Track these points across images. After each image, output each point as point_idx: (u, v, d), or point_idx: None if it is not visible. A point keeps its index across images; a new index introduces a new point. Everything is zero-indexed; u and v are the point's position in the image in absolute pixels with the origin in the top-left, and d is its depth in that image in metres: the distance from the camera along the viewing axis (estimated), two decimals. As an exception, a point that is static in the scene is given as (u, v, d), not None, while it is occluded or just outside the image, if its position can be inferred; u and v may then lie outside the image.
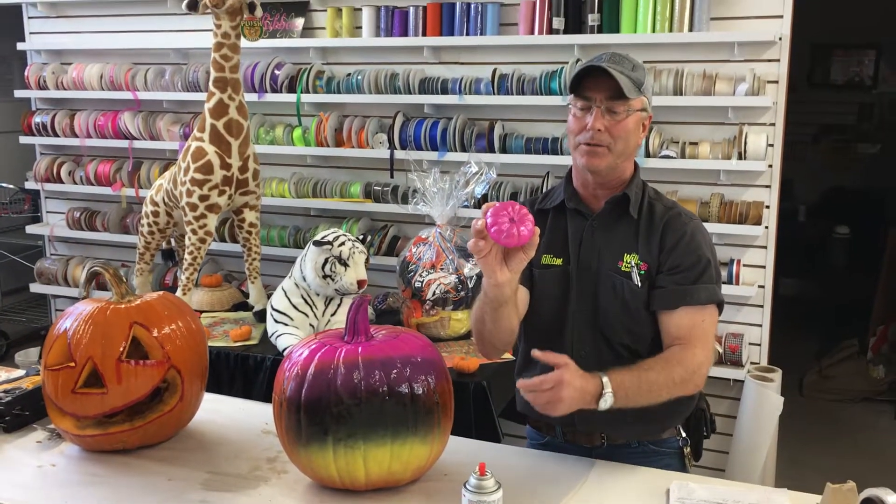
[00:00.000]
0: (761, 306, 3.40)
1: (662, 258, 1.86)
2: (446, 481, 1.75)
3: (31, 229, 4.67)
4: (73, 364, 1.84)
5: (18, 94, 4.51)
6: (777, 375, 3.30)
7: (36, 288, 4.58)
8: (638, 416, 1.78)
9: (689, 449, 1.98)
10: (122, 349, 1.85)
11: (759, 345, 3.44)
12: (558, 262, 1.94)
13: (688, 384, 1.79)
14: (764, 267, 3.37)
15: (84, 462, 1.89)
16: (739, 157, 3.22)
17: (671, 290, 1.84)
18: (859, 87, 6.82)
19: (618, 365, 1.75)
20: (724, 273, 3.31)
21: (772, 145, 3.27)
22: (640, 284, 1.86)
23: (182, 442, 1.99)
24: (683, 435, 1.97)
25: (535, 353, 1.70)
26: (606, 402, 1.67)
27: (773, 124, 3.27)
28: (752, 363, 3.41)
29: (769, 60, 3.23)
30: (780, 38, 3.19)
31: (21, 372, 2.37)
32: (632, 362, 1.78)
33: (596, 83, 1.82)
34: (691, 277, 1.84)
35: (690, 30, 3.26)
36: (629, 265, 1.88)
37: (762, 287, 3.37)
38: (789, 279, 5.88)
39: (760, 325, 3.42)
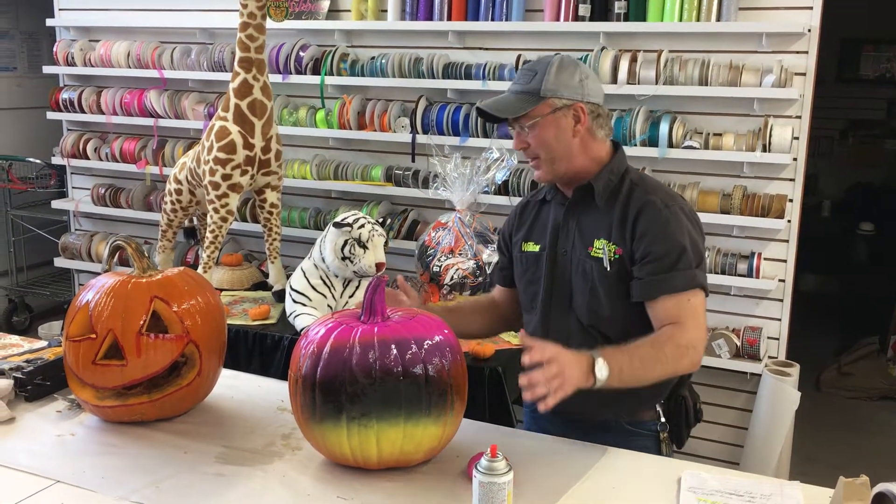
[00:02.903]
0: (781, 300, 3.37)
1: (635, 246, 1.87)
2: (458, 462, 1.76)
3: (56, 204, 4.73)
4: (94, 336, 1.87)
5: (47, 69, 4.55)
6: (795, 370, 3.29)
7: (60, 262, 4.65)
8: (615, 395, 1.80)
9: (665, 434, 1.99)
10: (142, 322, 1.87)
11: (778, 339, 3.41)
12: (536, 248, 2.03)
13: (681, 360, 1.80)
14: (785, 261, 3.35)
15: (103, 433, 1.92)
16: (764, 150, 3.19)
17: (647, 280, 1.85)
18: (889, 82, 6.73)
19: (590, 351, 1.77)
20: (744, 266, 3.29)
21: (797, 138, 3.23)
22: (608, 268, 1.89)
23: (199, 416, 2.01)
24: (662, 419, 1.99)
25: (522, 336, 1.75)
26: (602, 372, 1.69)
27: (800, 117, 3.23)
28: (769, 357, 3.39)
29: (797, 52, 3.20)
30: (809, 30, 3.15)
31: (43, 343, 2.41)
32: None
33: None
34: (666, 266, 1.84)
35: (718, 19, 3.22)
36: (599, 250, 1.90)
37: (783, 281, 3.35)
38: (810, 274, 5.84)
39: (779, 320, 3.40)
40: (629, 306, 1.89)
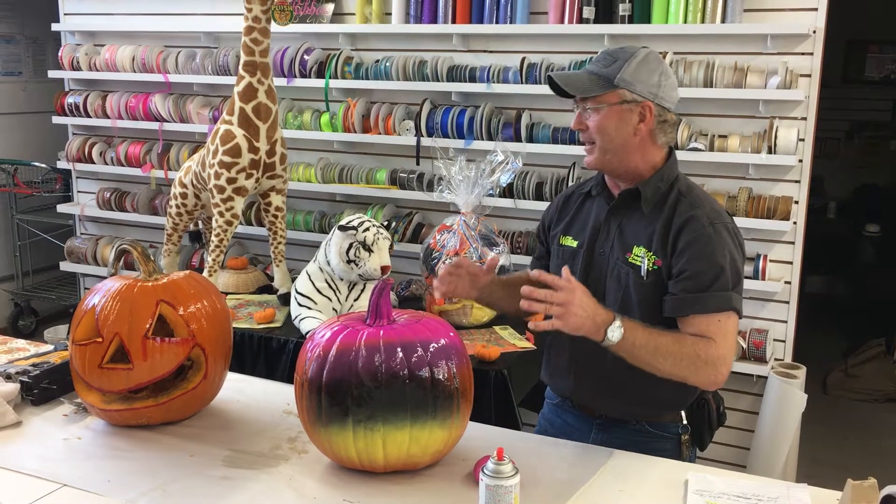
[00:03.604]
0: (787, 302, 3.37)
1: (674, 260, 1.84)
2: (464, 465, 1.76)
3: (61, 208, 4.74)
4: (100, 339, 1.87)
5: (52, 74, 4.57)
6: (801, 372, 3.28)
7: (66, 266, 4.66)
8: (639, 397, 1.86)
9: (687, 437, 1.97)
10: (148, 326, 1.88)
11: (784, 341, 3.41)
12: (574, 243, 2.01)
13: (699, 370, 1.77)
14: (791, 263, 3.34)
15: (109, 436, 1.93)
16: (769, 151, 3.19)
17: (681, 297, 1.82)
18: (895, 83, 6.71)
19: (612, 352, 1.76)
20: (749, 268, 3.28)
21: (802, 140, 3.23)
22: (645, 278, 1.86)
23: (205, 419, 2.01)
24: (685, 422, 1.97)
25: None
26: (614, 334, 1.70)
27: (805, 119, 3.23)
28: (776, 359, 3.38)
29: (802, 54, 3.19)
30: (815, 32, 3.15)
31: (49, 347, 2.41)
32: None
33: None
34: (702, 285, 1.80)
35: (723, 21, 3.22)
36: (638, 258, 1.88)
37: (788, 283, 3.34)
38: (817, 276, 5.82)
39: (786, 322, 3.39)
40: (660, 320, 1.84)
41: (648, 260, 1.86)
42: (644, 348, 1.73)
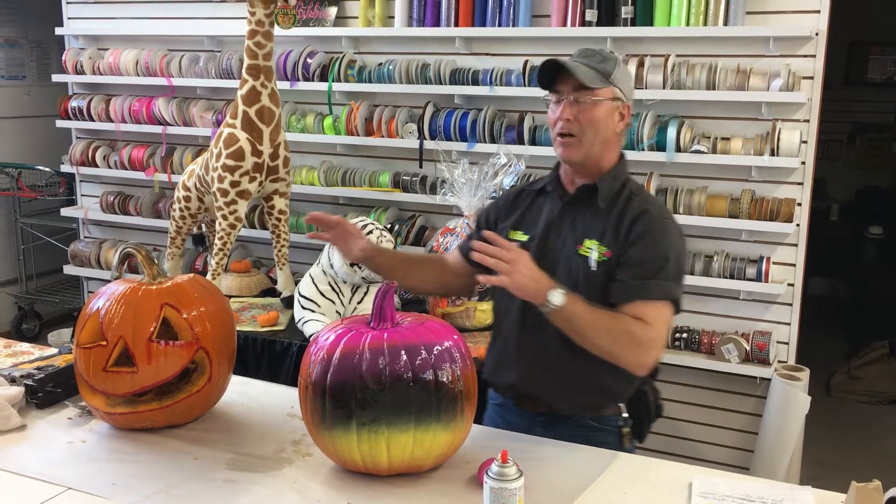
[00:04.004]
0: (790, 304, 3.36)
1: (624, 250, 1.92)
2: (468, 468, 1.76)
3: (65, 212, 4.75)
4: (104, 343, 1.88)
5: (56, 78, 4.57)
6: (804, 375, 3.27)
7: (69, 270, 4.67)
8: (583, 385, 1.95)
9: (628, 429, 2.03)
10: (152, 329, 1.88)
11: (787, 343, 3.40)
12: (523, 238, 2.05)
13: (631, 349, 1.85)
14: (794, 265, 3.34)
15: (113, 439, 1.93)
16: (772, 154, 3.19)
17: (627, 283, 1.90)
18: (897, 86, 6.71)
19: (564, 342, 1.87)
20: (752, 270, 3.29)
21: (805, 142, 3.23)
22: (594, 269, 1.94)
23: (209, 422, 2.02)
24: (625, 415, 2.03)
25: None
26: (555, 298, 1.78)
27: (808, 121, 3.23)
28: (779, 362, 3.38)
29: (805, 56, 3.19)
30: (817, 34, 3.15)
31: (53, 350, 2.42)
32: (574, 344, 1.87)
33: (564, 77, 1.95)
34: (647, 273, 1.89)
35: (725, 23, 3.22)
36: (588, 249, 1.95)
37: (791, 285, 3.34)
38: (820, 278, 5.82)
39: (789, 324, 3.39)
40: (608, 308, 1.91)
41: (598, 251, 1.94)
42: (581, 318, 1.81)
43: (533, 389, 2.03)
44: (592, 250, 1.94)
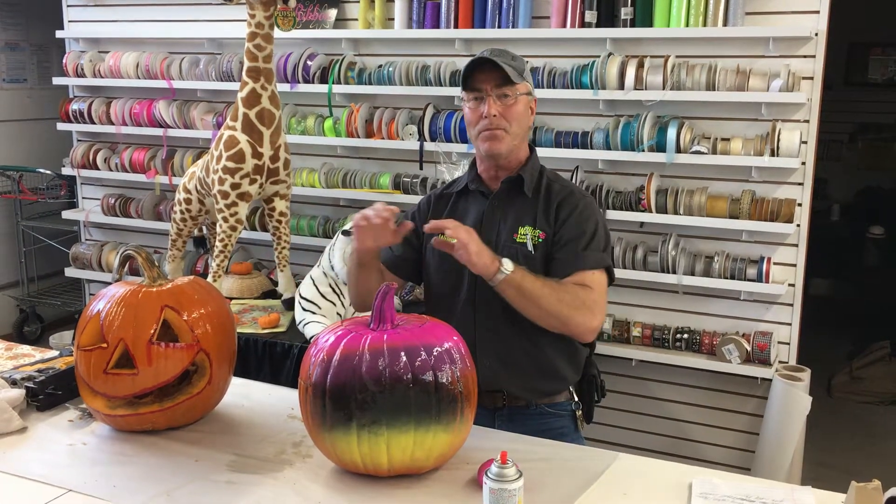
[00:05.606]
0: (791, 305, 3.36)
1: (557, 229, 2.07)
2: (468, 469, 1.76)
3: (66, 214, 4.76)
4: (105, 345, 1.88)
5: (57, 81, 4.58)
6: (806, 375, 3.27)
7: (71, 272, 4.67)
8: (537, 370, 2.08)
9: (580, 412, 2.19)
10: (153, 331, 1.88)
11: (788, 344, 3.40)
12: (453, 239, 2.03)
13: (576, 311, 1.97)
14: (795, 265, 3.34)
15: (114, 441, 1.93)
16: (772, 154, 3.19)
17: (564, 259, 2.05)
18: (897, 86, 6.71)
19: (515, 332, 2.03)
20: (753, 271, 3.29)
21: (805, 142, 3.23)
22: (533, 251, 2.07)
23: (210, 424, 2.02)
24: (576, 399, 2.19)
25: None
26: (508, 265, 1.93)
27: (808, 121, 3.23)
28: (780, 362, 3.38)
29: (804, 56, 3.19)
30: (817, 34, 3.15)
31: (54, 352, 2.42)
32: (528, 331, 2.03)
33: (484, 75, 2.05)
34: (582, 245, 2.05)
35: (725, 24, 3.22)
36: (524, 236, 2.08)
37: (792, 286, 3.34)
38: (821, 278, 5.81)
39: (790, 324, 3.39)
40: None
41: (533, 235, 2.07)
42: (532, 283, 1.94)
43: (493, 384, 2.09)
44: (528, 236, 2.07)
